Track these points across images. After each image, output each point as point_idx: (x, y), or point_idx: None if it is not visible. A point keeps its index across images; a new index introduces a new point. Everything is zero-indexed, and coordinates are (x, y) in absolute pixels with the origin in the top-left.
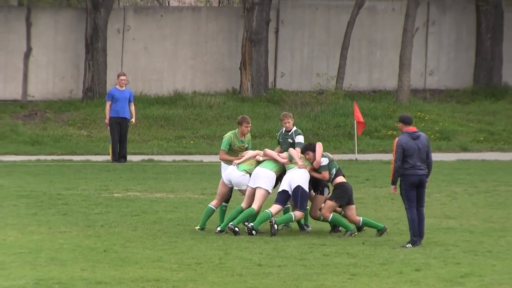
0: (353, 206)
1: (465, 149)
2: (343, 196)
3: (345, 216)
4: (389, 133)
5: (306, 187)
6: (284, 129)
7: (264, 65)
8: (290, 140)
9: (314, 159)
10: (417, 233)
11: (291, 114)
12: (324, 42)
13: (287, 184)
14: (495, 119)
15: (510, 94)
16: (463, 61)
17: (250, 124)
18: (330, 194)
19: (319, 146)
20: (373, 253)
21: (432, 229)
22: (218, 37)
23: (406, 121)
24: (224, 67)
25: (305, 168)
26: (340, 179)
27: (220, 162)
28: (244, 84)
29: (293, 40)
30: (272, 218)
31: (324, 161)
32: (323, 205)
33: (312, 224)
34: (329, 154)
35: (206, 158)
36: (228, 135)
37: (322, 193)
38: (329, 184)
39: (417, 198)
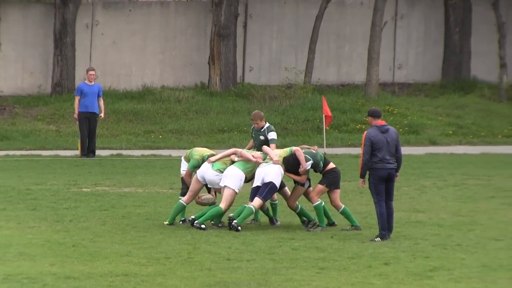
0: (339, 191)
1: (433, 143)
2: (335, 181)
3: (329, 198)
4: (357, 127)
5: (278, 183)
6: None
7: (232, 60)
8: (262, 137)
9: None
10: (385, 227)
11: (261, 114)
12: (293, 36)
13: (260, 179)
14: (463, 113)
15: (478, 88)
16: (431, 55)
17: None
18: (320, 182)
19: (299, 153)
20: (342, 247)
21: (401, 223)
22: (187, 32)
23: (375, 115)
24: (193, 62)
25: (279, 164)
26: (330, 165)
27: (180, 158)
28: (212, 79)
29: (261, 35)
30: (234, 222)
31: (308, 165)
32: (311, 189)
33: (281, 218)
34: (306, 147)
35: (175, 153)
36: (197, 159)
37: (302, 185)
38: (319, 173)
39: (386, 192)
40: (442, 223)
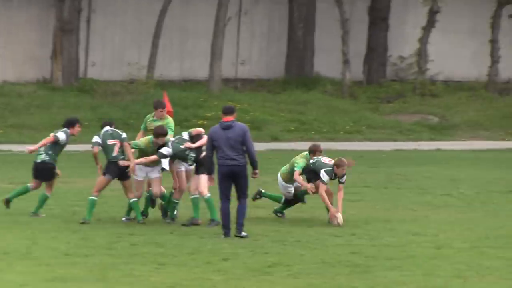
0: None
1: (275, 139)
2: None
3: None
4: (199, 122)
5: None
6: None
7: (75, 55)
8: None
9: None
10: (227, 226)
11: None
12: (136, 31)
13: None
14: (306, 109)
15: (321, 84)
16: (275, 51)
17: (164, 109)
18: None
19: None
20: (181, 242)
21: None
22: (29, 27)
23: (224, 111)
24: (35, 57)
25: None
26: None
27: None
28: (55, 74)
29: (105, 29)
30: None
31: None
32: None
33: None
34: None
35: (16, 148)
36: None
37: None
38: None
39: (236, 189)
40: (282, 219)
